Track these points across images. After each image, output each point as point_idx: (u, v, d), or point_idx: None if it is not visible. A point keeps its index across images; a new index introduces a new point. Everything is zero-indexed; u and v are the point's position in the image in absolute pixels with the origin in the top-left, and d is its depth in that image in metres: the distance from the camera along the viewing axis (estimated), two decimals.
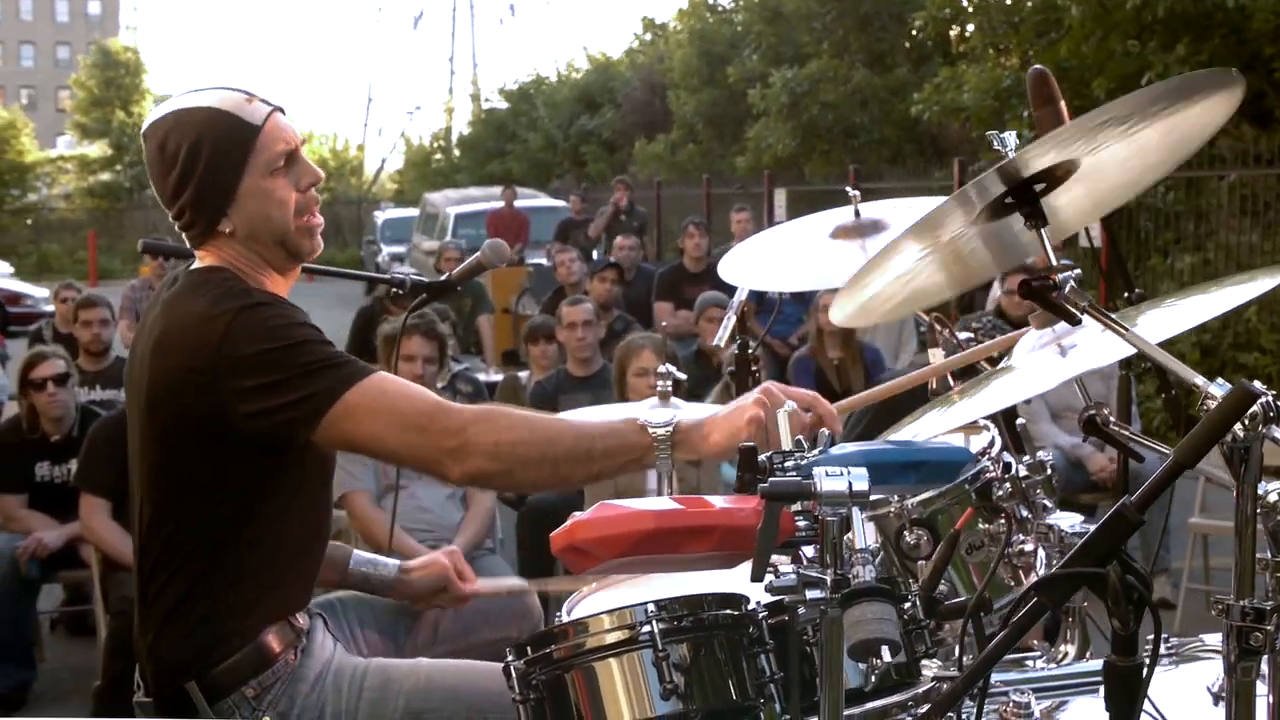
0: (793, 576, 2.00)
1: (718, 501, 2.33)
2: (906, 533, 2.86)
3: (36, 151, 51.10)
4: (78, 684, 7.01)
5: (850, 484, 1.97)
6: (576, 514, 2.33)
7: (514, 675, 2.41)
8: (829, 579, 1.98)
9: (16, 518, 7.12)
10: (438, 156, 50.60)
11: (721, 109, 28.88)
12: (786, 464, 2.14)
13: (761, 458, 2.17)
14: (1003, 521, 2.92)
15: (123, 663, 5.85)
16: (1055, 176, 2.34)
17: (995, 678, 2.96)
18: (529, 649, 2.40)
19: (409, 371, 6.39)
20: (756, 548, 2.01)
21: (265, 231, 3.01)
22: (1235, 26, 14.10)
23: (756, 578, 2.04)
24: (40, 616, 7.48)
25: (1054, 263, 2.20)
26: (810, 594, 1.98)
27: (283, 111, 3.06)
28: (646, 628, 2.30)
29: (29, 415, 7.18)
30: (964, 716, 2.47)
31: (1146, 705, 2.55)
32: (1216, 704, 2.77)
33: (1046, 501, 3.02)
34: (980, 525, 2.93)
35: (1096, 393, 6.43)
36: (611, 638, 2.34)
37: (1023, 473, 2.98)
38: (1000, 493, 2.91)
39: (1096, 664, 2.99)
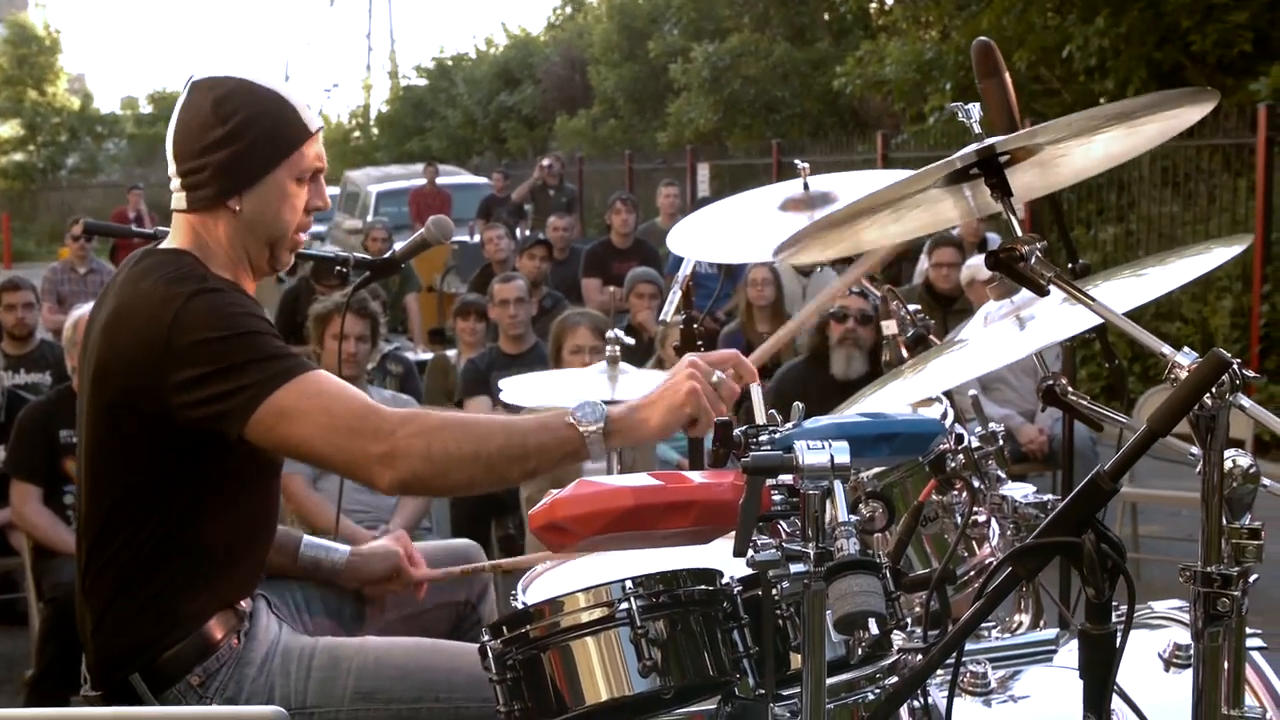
0: (774, 550, 2.00)
1: (695, 477, 2.32)
2: (862, 506, 2.86)
3: None
4: (8, 673, 6.92)
5: (832, 457, 1.97)
6: (554, 491, 2.32)
7: (490, 655, 2.39)
8: (812, 552, 1.98)
9: None
10: (356, 134, 50.23)
11: (642, 84, 28.84)
12: (761, 438, 2.14)
13: (736, 432, 2.17)
14: (957, 492, 2.94)
15: (57, 651, 5.78)
16: (1018, 153, 2.35)
17: None
18: (505, 628, 2.39)
19: (343, 350, 6.33)
20: (739, 522, 2.00)
21: (266, 226, 3.00)
22: None
23: (739, 552, 2.04)
24: None
25: (1019, 232, 2.21)
26: (793, 568, 1.98)
27: None
28: (624, 605, 2.30)
29: None
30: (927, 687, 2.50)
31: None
32: (1167, 670, 2.81)
33: (999, 472, 3.04)
34: (934, 497, 2.94)
35: (1031, 363, 6.48)
36: (588, 616, 2.33)
37: (975, 444, 2.99)
38: (954, 464, 2.93)
39: (1050, 633, 3.04)
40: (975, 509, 2.96)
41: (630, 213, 12.51)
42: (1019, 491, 2.99)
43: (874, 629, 1.91)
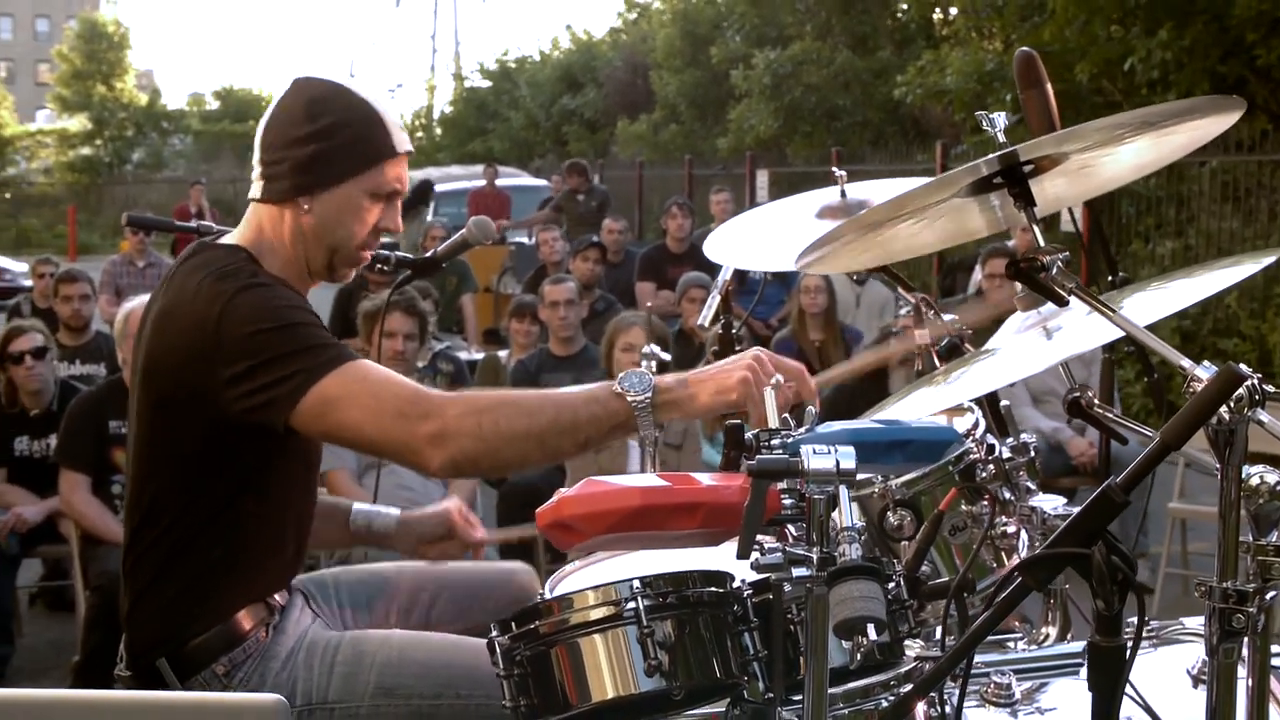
0: (779, 554, 2.00)
1: (704, 479, 2.33)
2: (890, 513, 2.85)
3: (15, 125, 50.94)
4: (56, 659, 6.99)
5: (838, 462, 1.97)
6: (562, 490, 2.32)
7: (498, 650, 2.40)
8: (815, 557, 1.97)
9: None
10: (419, 135, 50.44)
11: (704, 90, 28.86)
12: (773, 441, 2.14)
13: (748, 435, 2.17)
14: (986, 503, 2.92)
15: (101, 638, 5.84)
16: (1044, 163, 2.34)
17: (977, 659, 2.99)
18: (513, 624, 2.39)
19: (390, 348, 6.39)
20: (742, 525, 2.00)
21: (329, 233, 3.03)
22: (1218, 12, 14.12)
23: (742, 555, 2.03)
24: (19, 591, 7.45)
25: (1041, 243, 2.20)
26: (796, 572, 1.97)
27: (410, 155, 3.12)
28: (631, 604, 2.30)
29: (7, 390, 7.15)
30: (947, 697, 2.49)
31: (1126, 688, 2.58)
32: (1195, 686, 2.79)
33: (1029, 484, 3.02)
34: (964, 507, 2.93)
35: (1078, 376, 6.44)
36: (596, 614, 2.32)
37: (1006, 454, 2.98)
38: (983, 474, 2.91)
39: (1078, 646, 3.01)
40: (1005, 520, 2.95)
41: (686, 217, 12.52)
42: (1049, 503, 2.97)
43: (873, 634, 1.91)
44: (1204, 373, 2.00)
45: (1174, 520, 7.58)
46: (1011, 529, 2.97)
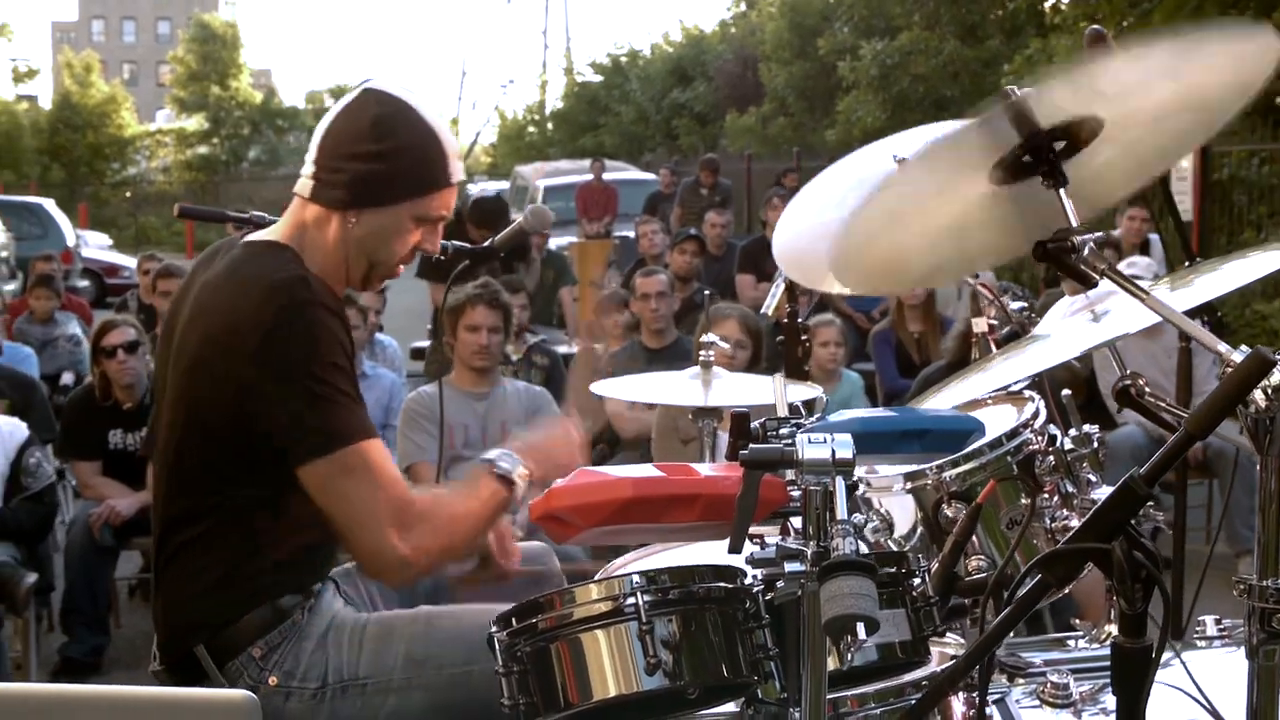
0: (773, 549, 1.92)
1: (703, 469, 2.26)
2: (945, 506, 2.77)
3: (136, 125, 51.96)
4: (149, 650, 7.03)
5: (834, 451, 1.88)
6: (557, 481, 2.27)
7: (498, 646, 2.34)
8: (809, 551, 1.89)
9: (91, 485, 7.17)
10: (531, 130, 50.66)
11: (812, 81, 28.72)
12: (781, 430, 2.06)
13: (755, 424, 2.09)
14: (1045, 495, 2.83)
15: None
16: (1079, 137, 2.23)
17: (1036, 658, 2.91)
18: (513, 619, 2.33)
19: (474, 341, 6.30)
20: (735, 517, 1.93)
21: (371, 249, 3.06)
22: None
23: (734, 549, 1.96)
24: (119, 583, 7.54)
25: (1073, 224, 2.11)
26: (789, 566, 1.89)
27: None
28: (631, 600, 2.22)
29: (101, 383, 7.21)
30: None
31: (1189, 686, 2.48)
32: None
33: (1091, 476, 2.92)
34: (1023, 500, 2.84)
35: (1164, 367, 6.28)
36: (598, 609, 2.25)
37: (1068, 446, 2.89)
38: (1043, 466, 2.82)
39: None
40: (1066, 513, 2.85)
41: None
42: None
43: (863, 634, 1.81)
44: (1239, 357, 1.90)
45: None
46: (1072, 522, 2.87)
